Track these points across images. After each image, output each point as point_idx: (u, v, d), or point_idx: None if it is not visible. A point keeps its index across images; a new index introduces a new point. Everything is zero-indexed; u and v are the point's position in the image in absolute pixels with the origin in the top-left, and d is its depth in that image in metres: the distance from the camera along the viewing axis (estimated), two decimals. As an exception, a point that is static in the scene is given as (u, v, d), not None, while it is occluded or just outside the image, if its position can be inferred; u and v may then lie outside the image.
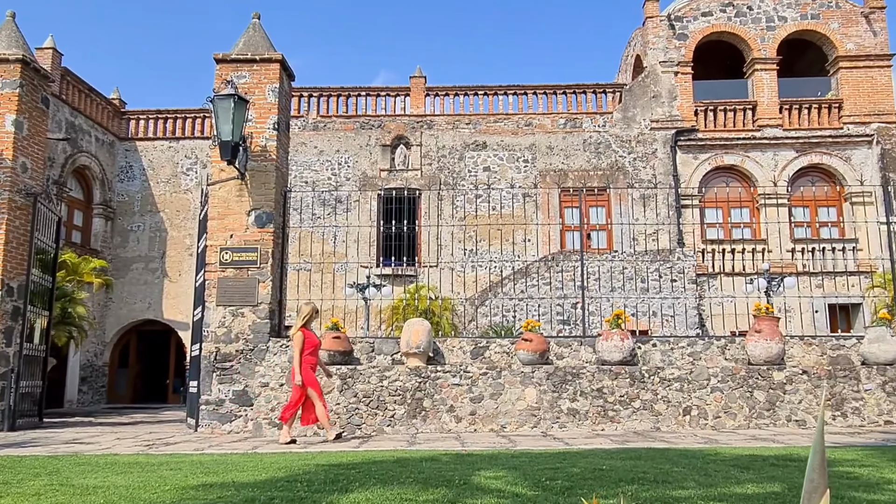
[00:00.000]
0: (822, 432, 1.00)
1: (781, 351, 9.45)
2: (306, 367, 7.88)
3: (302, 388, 7.79)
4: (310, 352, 7.97)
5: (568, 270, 17.67)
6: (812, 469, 0.96)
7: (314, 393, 7.86)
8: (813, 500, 0.93)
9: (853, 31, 20.27)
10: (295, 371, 7.83)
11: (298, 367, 7.81)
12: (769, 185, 19.33)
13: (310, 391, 7.85)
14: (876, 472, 4.86)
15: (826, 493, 0.94)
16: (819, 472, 0.96)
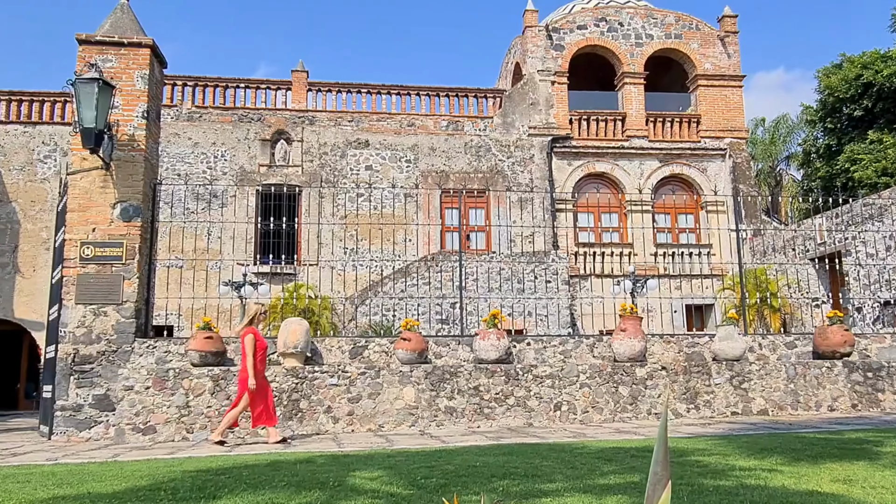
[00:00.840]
0: (665, 427, 1.08)
1: (644, 348, 10.06)
2: (261, 370, 7.76)
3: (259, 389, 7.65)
4: (260, 355, 7.84)
5: (447, 270, 17.92)
6: (656, 462, 1.04)
7: (250, 397, 7.71)
8: (657, 491, 1.01)
9: (710, 51, 21.94)
10: (249, 374, 7.61)
11: (252, 369, 7.62)
12: (635, 192, 20.54)
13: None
14: (722, 459, 5.28)
15: (668, 484, 1.02)
16: (662, 465, 1.04)
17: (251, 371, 7.61)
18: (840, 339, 10.34)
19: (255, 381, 7.62)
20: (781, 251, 18.65)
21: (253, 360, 7.66)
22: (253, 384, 7.60)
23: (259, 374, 7.75)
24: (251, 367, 7.62)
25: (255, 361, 7.71)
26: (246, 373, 7.64)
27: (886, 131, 24.11)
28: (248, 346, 7.66)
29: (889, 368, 10.21)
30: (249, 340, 7.70)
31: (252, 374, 7.61)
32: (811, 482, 4.26)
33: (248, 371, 7.62)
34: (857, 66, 25.49)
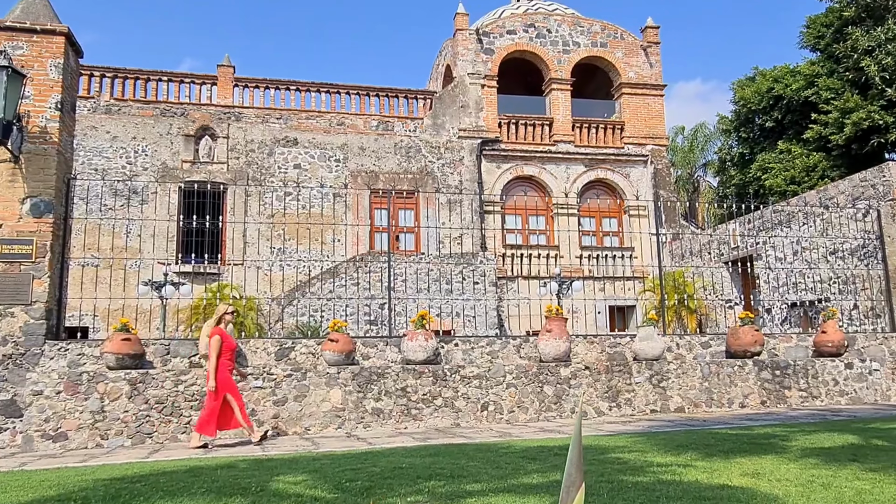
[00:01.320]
0: (579, 431, 1.11)
1: (568, 349, 10.29)
2: (223, 371, 7.61)
3: (216, 392, 7.50)
4: (228, 356, 7.71)
5: (376, 271, 17.84)
6: (570, 464, 1.07)
7: (232, 397, 7.64)
8: (570, 493, 1.04)
9: (634, 61, 22.66)
10: (210, 375, 7.48)
11: (214, 371, 7.49)
12: (562, 195, 21.00)
13: (228, 396, 7.61)
14: (641, 456, 5.47)
15: (581, 486, 1.05)
16: (576, 467, 1.07)
17: (212, 373, 7.48)
18: (751, 339, 10.86)
19: (213, 382, 7.47)
20: (698, 255, 19.44)
21: (216, 363, 7.53)
22: (212, 385, 7.47)
23: (225, 376, 7.62)
24: (213, 368, 7.50)
25: (219, 363, 7.57)
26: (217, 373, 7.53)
27: (795, 142, 25.47)
28: (213, 347, 7.56)
29: (795, 366, 10.80)
30: (216, 341, 7.59)
31: (213, 375, 7.48)
32: (722, 476, 4.46)
33: (209, 372, 7.50)
34: (769, 79, 26.83)
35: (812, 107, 24.40)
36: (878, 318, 13.36)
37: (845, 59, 23.32)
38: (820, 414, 9.21)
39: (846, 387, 10.87)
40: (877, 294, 13.32)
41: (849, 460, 5.07)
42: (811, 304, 14.84)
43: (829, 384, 10.82)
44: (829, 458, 5.21)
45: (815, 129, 23.82)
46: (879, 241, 13.28)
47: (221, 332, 7.77)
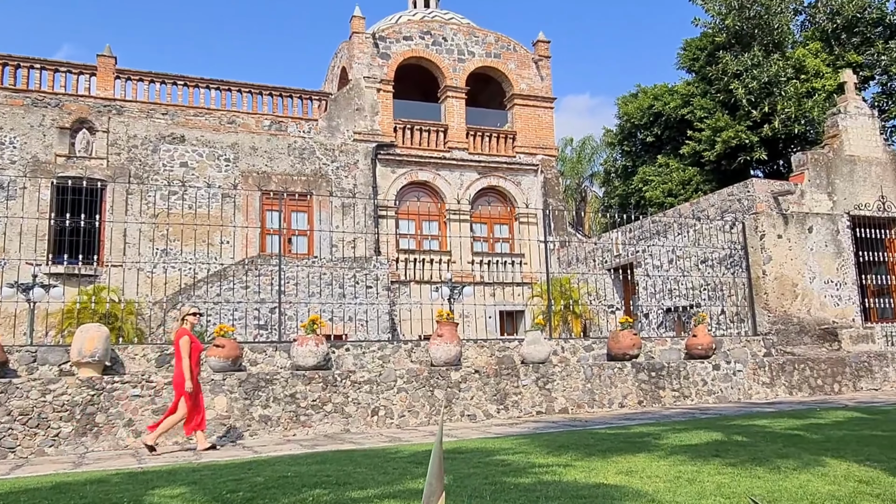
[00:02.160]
0: (440, 442, 1.15)
1: (459, 353, 10.46)
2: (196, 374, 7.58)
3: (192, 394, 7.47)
4: (195, 358, 7.64)
5: (267, 274, 17.40)
6: (431, 475, 1.10)
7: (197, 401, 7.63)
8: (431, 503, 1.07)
9: (526, 73, 23.37)
10: (185, 377, 7.40)
11: (189, 372, 7.42)
12: (455, 202, 21.30)
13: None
14: (525, 457, 5.64)
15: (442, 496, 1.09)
16: (437, 477, 1.11)
17: (187, 374, 7.41)
18: (630, 342, 11.46)
19: (191, 384, 7.43)
20: (584, 261, 20.27)
21: (189, 363, 7.46)
22: (190, 387, 7.42)
23: (193, 377, 7.54)
24: (187, 369, 7.42)
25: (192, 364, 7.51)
26: (181, 377, 7.43)
27: (672, 157, 27.10)
28: (183, 349, 7.46)
29: (669, 368, 11.48)
30: (185, 343, 7.50)
31: (188, 376, 7.42)
32: (599, 475, 4.69)
33: (184, 374, 7.41)
34: (650, 96, 28.41)
35: (688, 124, 26.05)
36: (742, 323, 14.43)
37: (717, 81, 25.07)
38: (690, 412, 9.83)
39: (714, 386, 11.67)
40: (741, 300, 14.39)
41: (712, 456, 5.46)
42: (684, 310, 15.83)
43: (699, 384, 11.58)
44: (696, 454, 5.59)
45: (691, 145, 25.44)
46: (744, 252, 14.36)
47: (189, 333, 7.69)
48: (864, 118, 15.96)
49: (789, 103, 23.00)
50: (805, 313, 14.27)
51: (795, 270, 14.38)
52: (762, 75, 23.36)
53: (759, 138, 23.78)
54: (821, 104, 22.53)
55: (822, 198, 15.03)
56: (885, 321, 15.26)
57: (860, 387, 12.76)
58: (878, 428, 7.00)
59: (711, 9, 25.44)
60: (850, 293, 14.79)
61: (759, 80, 23.38)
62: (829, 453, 5.41)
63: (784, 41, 24.73)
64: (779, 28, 24.28)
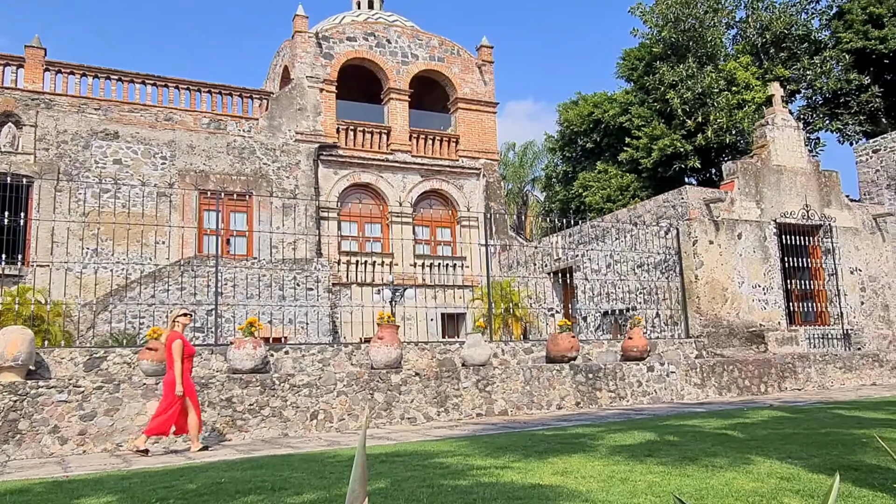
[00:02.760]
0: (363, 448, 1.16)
1: (400, 356, 10.44)
2: (187, 376, 7.61)
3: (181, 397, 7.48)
4: (187, 362, 7.70)
5: (204, 276, 17.01)
6: (354, 480, 1.11)
7: (191, 403, 7.62)
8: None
9: (469, 77, 23.53)
10: (176, 380, 7.43)
11: (180, 375, 7.46)
12: (398, 204, 21.27)
13: (187, 400, 7.58)
14: (464, 460, 5.68)
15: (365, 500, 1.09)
16: (360, 483, 1.11)
17: (178, 377, 7.45)
18: (568, 344, 11.67)
19: (181, 388, 7.44)
20: (525, 265, 20.53)
21: (181, 366, 7.50)
22: (180, 391, 7.43)
23: (186, 380, 7.58)
24: (179, 372, 7.46)
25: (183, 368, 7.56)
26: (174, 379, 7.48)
27: (611, 163, 27.74)
28: (175, 352, 7.50)
29: (605, 370, 11.74)
30: (177, 346, 7.54)
31: (179, 380, 7.44)
32: (535, 476, 4.76)
33: (175, 377, 7.44)
34: (590, 104, 29.04)
35: (626, 132, 26.72)
36: (675, 326, 14.87)
37: (654, 90, 25.80)
38: (625, 413, 10.07)
39: (648, 388, 11.99)
40: (675, 304, 14.83)
41: (645, 455, 5.61)
42: (621, 313, 16.22)
43: (634, 385, 11.87)
44: (630, 454, 5.73)
45: (629, 152, 26.10)
46: (678, 257, 14.81)
47: (182, 336, 7.71)
48: (791, 130, 16.69)
49: (721, 114, 23.86)
50: (734, 316, 14.81)
51: (726, 275, 14.92)
52: (696, 86, 24.16)
53: (694, 147, 24.59)
54: (750, 115, 23.45)
55: (750, 205, 15.63)
56: (808, 324, 15.97)
57: (785, 387, 13.32)
58: (799, 426, 7.32)
59: (649, 20, 26.20)
60: (776, 297, 15.42)
61: (694, 90, 24.19)
62: (754, 451, 5.63)
63: (717, 54, 25.65)
64: (712, 41, 25.17)
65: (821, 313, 16.28)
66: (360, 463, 1.12)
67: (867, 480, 4.32)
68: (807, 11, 26.73)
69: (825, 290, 16.27)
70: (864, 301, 16.74)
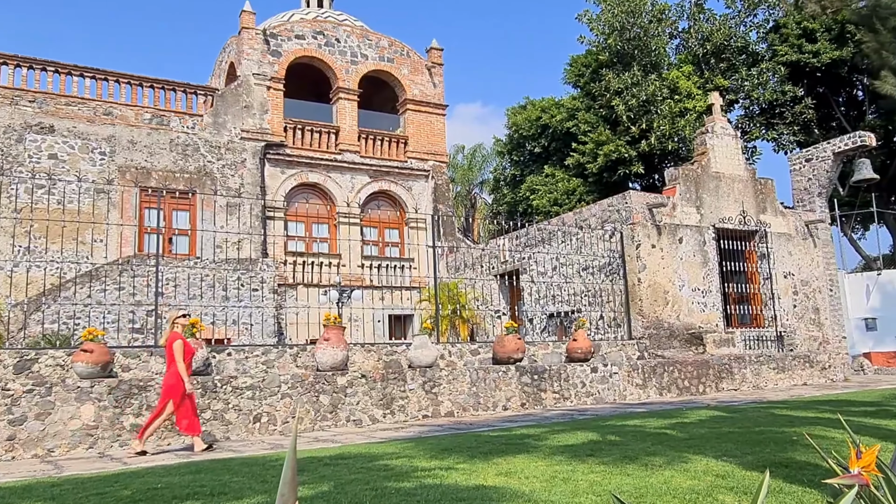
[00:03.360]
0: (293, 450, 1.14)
1: (345, 357, 10.36)
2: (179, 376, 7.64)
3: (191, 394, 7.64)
4: (188, 362, 7.81)
5: (144, 275, 16.54)
6: (283, 483, 1.09)
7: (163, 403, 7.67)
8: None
9: (419, 79, 23.53)
10: (184, 379, 7.55)
11: (185, 373, 7.59)
12: (346, 205, 21.11)
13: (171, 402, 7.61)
14: (408, 461, 5.67)
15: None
16: (290, 486, 1.09)
17: (185, 376, 7.56)
18: (514, 346, 11.77)
19: (189, 385, 7.60)
20: (472, 267, 20.64)
21: (184, 365, 7.61)
22: (190, 388, 7.59)
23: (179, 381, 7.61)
24: (183, 371, 7.57)
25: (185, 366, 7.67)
26: (173, 379, 7.55)
27: (558, 167, 28.15)
28: (177, 352, 7.61)
29: (550, 371, 11.89)
30: (178, 346, 7.64)
31: (186, 378, 7.57)
32: (480, 477, 4.79)
33: (181, 376, 7.53)
34: (538, 109, 29.41)
35: (573, 137, 27.15)
36: (619, 328, 15.17)
37: (600, 97, 26.30)
38: (569, 413, 10.22)
39: (592, 388, 12.19)
40: (618, 306, 15.14)
41: (587, 455, 5.71)
42: (566, 315, 16.46)
43: (578, 386, 12.06)
44: (572, 454, 5.82)
45: (575, 157, 26.52)
46: (621, 260, 15.12)
47: (182, 337, 7.81)
48: (729, 138, 17.24)
49: (664, 121, 24.48)
50: (675, 319, 15.20)
51: (667, 278, 15.30)
52: (641, 94, 24.73)
53: (638, 153, 25.15)
54: (692, 123, 24.14)
55: (691, 210, 16.08)
56: (743, 326, 16.51)
57: (722, 387, 13.73)
58: (734, 425, 7.56)
59: (596, 28, 26.69)
60: (714, 300, 15.89)
61: (638, 98, 24.74)
62: (691, 450, 5.79)
63: (660, 63, 26.32)
64: (656, 50, 25.81)
65: (756, 316, 16.86)
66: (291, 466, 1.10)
67: (797, 477, 4.49)
68: (745, 24, 27.68)
69: (760, 294, 16.86)
70: (797, 304, 17.40)
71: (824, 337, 17.73)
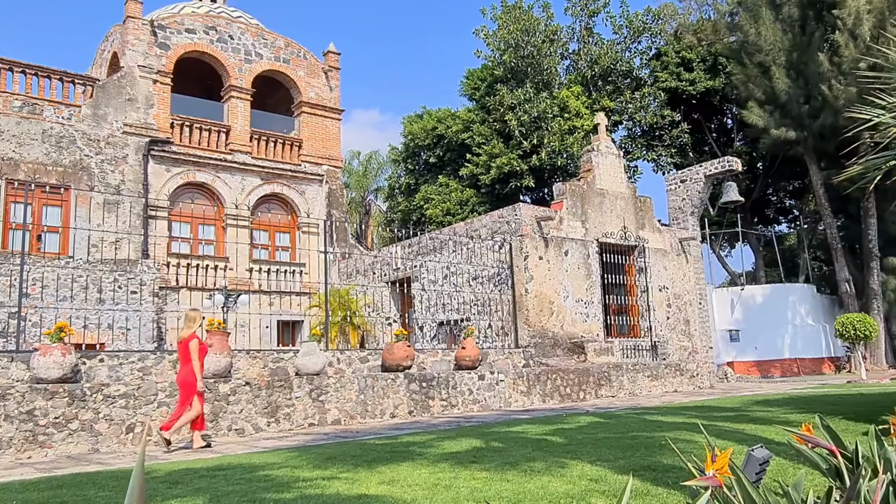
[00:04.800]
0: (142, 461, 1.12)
1: (230, 364, 10.03)
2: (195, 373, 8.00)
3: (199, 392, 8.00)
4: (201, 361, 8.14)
5: (6, 274, 15.33)
6: (131, 496, 1.06)
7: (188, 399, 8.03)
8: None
9: (315, 82, 23.22)
10: (198, 377, 7.97)
11: (200, 372, 8.01)
12: (235, 207, 20.46)
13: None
14: (290, 472, 5.56)
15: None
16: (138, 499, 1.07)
17: (199, 374, 7.96)
18: (403, 354, 11.81)
19: (202, 383, 8.06)
20: (364, 274, 20.54)
21: (200, 364, 8.01)
22: (202, 386, 8.06)
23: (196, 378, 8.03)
24: (198, 369, 7.97)
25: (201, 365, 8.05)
26: (192, 376, 7.92)
27: (452, 178, 28.57)
28: (193, 351, 7.97)
29: (439, 379, 12.01)
30: (195, 345, 8.01)
31: (200, 377, 8.00)
32: (363, 486, 4.77)
33: (196, 374, 7.92)
34: (434, 119, 29.76)
35: (467, 148, 27.66)
36: (506, 336, 15.56)
37: (494, 111, 26.97)
38: (456, 421, 10.36)
39: (479, 396, 12.43)
40: (506, 315, 15.53)
41: (470, 462, 5.81)
42: (456, 323, 16.69)
43: (466, 394, 12.26)
44: (456, 461, 5.91)
45: (469, 168, 27.03)
46: (510, 270, 15.52)
47: (198, 336, 8.17)
48: (613, 157, 18.13)
49: (554, 138, 25.42)
50: (559, 328, 15.77)
51: (553, 289, 15.86)
52: (533, 110, 25.57)
53: (529, 167, 25.97)
54: (580, 141, 25.21)
55: (576, 225, 16.76)
56: (622, 336, 17.37)
57: (601, 394, 14.37)
58: (610, 431, 7.94)
59: (492, 44, 27.38)
60: (596, 311, 16.63)
61: (530, 114, 25.57)
62: (569, 455, 6.02)
63: (552, 81, 27.34)
64: (548, 69, 26.80)
65: (633, 326, 17.78)
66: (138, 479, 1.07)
67: (663, 479, 4.78)
68: (630, 50, 29.27)
69: (638, 306, 17.79)
70: (670, 316, 18.50)
71: (693, 347, 18.94)
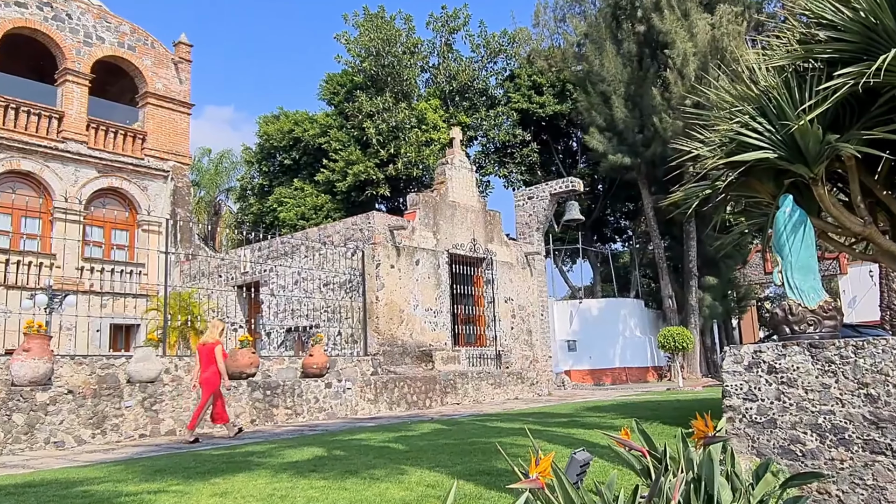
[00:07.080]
0: None
1: (50, 370, 9.24)
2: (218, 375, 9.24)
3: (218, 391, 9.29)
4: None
5: None
6: None
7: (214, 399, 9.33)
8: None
9: (163, 73, 21.98)
10: (223, 376, 9.23)
11: (225, 372, 9.30)
12: (65, 199, 18.87)
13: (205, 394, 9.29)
14: (114, 486, 5.23)
15: None
16: None
17: (224, 374, 9.26)
18: (247, 360, 11.46)
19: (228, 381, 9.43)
20: (210, 277, 19.66)
21: (224, 365, 9.29)
22: (228, 384, 9.43)
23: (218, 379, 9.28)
24: (224, 370, 9.26)
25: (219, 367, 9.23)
26: (217, 377, 9.19)
27: (308, 182, 28.12)
28: (218, 355, 9.22)
29: (284, 386, 11.77)
30: (220, 350, 9.27)
31: (225, 376, 9.31)
32: (192, 499, 4.59)
33: (222, 375, 9.22)
34: (291, 121, 29.17)
35: (324, 153, 27.36)
36: (356, 344, 15.52)
37: (353, 117, 26.92)
38: (300, 429, 10.21)
39: (325, 404, 12.31)
40: (356, 323, 15.50)
41: (310, 471, 5.77)
42: (305, 330, 16.41)
43: (311, 402, 12.10)
44: (295, 470, 5.84)
45: (325, 173, 26.74)
46: (362, 278, 15.53)
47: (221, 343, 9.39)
48: (466, 171, 18.71)
49: (411, 149, 25.79)
50: (409, 337, 15.97)
51: (403, 298, 16.05)
52: (391, 119, 25.80)
53: (385, 176, 26.13)
54: (436, 153, 25.76)
55: (428, 235, 17.10)
56: (469, 345, 17.90)
57: (447, 401, 14.72)
58: (452, 437, 8.18)
59: (353, 50, 27.34)
60: (445, 320, 17.02)
61: (388, 123, 25.78)
62: (410, 462, 6.14)
63: (411, 93, 27.76)
64: (407, 80, 27.18)
65: (480, 336, 18.39)
66: None
67: (496, 483, 5.01)
68: (486, 69, 30.37)
69: (485, 316, 18.43)
70: (514, 326, 19.33)
71: (535, 356, 19.90)
